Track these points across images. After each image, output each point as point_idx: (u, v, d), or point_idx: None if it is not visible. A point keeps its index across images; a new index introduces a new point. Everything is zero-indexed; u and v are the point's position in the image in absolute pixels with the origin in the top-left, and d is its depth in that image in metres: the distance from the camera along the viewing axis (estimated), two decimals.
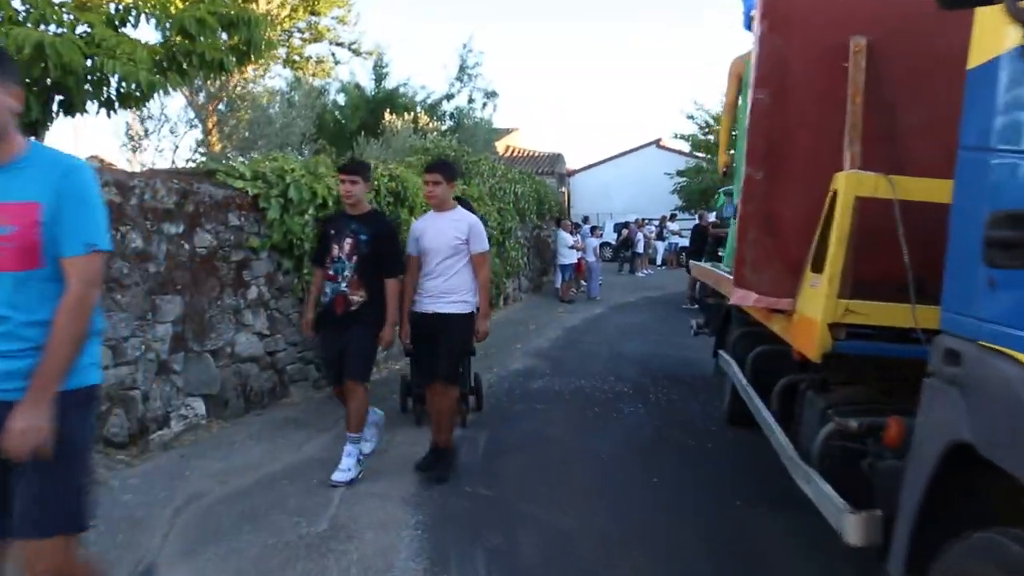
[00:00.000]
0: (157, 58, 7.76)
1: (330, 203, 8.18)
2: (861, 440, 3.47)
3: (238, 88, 17.43)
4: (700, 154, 37.41)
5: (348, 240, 5.41)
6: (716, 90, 79.01)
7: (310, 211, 7.96)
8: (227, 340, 6.93)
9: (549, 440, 6.66)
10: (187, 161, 16.58)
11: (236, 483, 5.33)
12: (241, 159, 9.76)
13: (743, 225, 4.05)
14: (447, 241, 5.46)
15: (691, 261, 12.77)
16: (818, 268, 3.70)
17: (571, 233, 19.14)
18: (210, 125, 17.65)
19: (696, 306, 17.07)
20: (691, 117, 37.41)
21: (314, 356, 8.10)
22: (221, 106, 18.12)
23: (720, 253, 17.17)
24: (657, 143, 42.00)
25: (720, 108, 36.53)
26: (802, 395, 4.37)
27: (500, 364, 10.07)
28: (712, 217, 17.69)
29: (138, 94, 7.49)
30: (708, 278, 8.29)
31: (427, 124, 20.36)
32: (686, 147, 38.50)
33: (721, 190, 20.08)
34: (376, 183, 9.34)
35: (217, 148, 16.76)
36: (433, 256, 5.48)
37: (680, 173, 35.97)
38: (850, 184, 3.47)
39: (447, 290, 5.47)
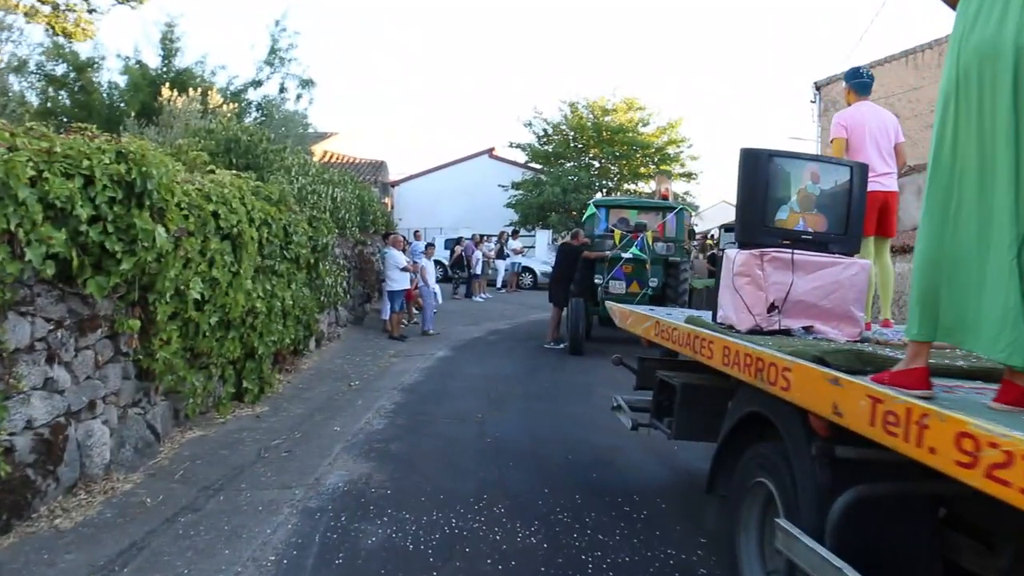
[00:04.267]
0: None
1: None
2: None
3: None
4: (536, 165, 34.48)
5: None
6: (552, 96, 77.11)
7: None
8: None
9: None
10: None
11: None
12: None
13: None
14: None
15: (619, 304, 8.50)
16: None
17: (402, 251, 15.17)
18: None
19: (561, 346, 13.55)
20: (528, 124, 34.46)
21: None
22: None
23: (597, 281, 13.86)
24: (490, 152, 38.60)
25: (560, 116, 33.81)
26: None
27: (305, 475, 6.03)
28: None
29: None
30: (691, 347, 4.62)
31: (220, 105, 15.79)
32: (522, 157, 35.53)
33: (591, 201, 16.77)
34: (89, 165, 5.18)
35: None
36: None
37: (516, 185, 32.72)
38: None
39: None
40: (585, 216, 15.30)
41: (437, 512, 5.29)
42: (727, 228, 22.05)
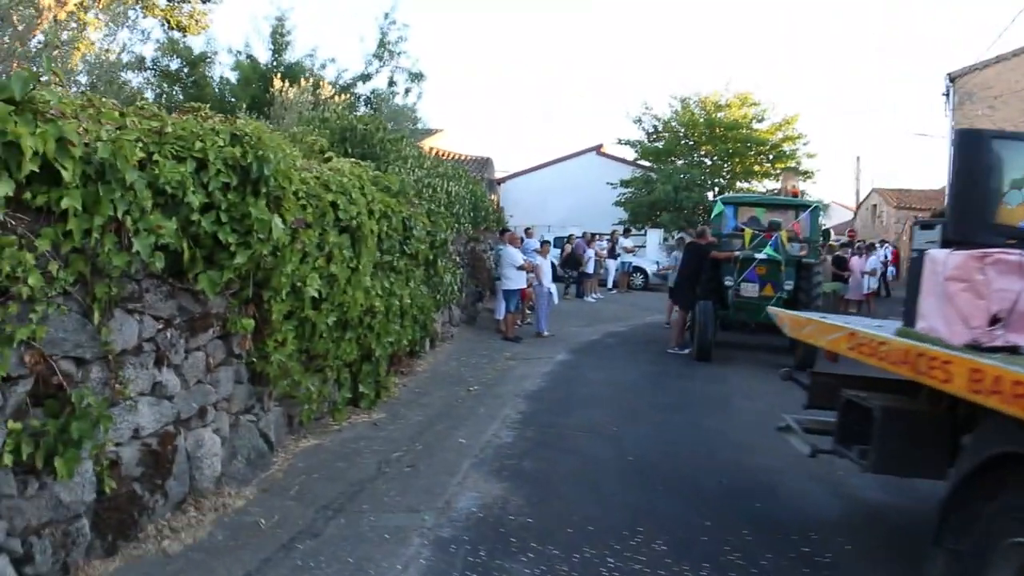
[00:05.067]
0: None
1: None
2: None
3: (61, 32, 12.31)
4: (645, 163, 33.44)
5: None
6: (662, 92, 75.21)
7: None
8: None
9: None
10: None
11: None
12: None
13: None
14: None
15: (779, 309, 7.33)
16: None
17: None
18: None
19: (686, 351, 12.66)
20: (638, 121, 33.48)
21: None
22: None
23: (727, 282, 12.90)
24: (597, 149, 37.72)
25: (671, 111, 32.74)
26: None
27: (433, 497, 5.39)
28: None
29: None
30: (911, 367, 3.75)
31: (332, 96, 15.43)
32: (629, 154, 34.59)
33: (718, 199, 15.76)
34: (202, 148, 4.65)
35: None
36: None
37: (624, 183, 31.73)
38: None
39: None
40: (713, 214, 14.30)
41: (588, 548, 4.56)
42: (923, 225, 20.47)
